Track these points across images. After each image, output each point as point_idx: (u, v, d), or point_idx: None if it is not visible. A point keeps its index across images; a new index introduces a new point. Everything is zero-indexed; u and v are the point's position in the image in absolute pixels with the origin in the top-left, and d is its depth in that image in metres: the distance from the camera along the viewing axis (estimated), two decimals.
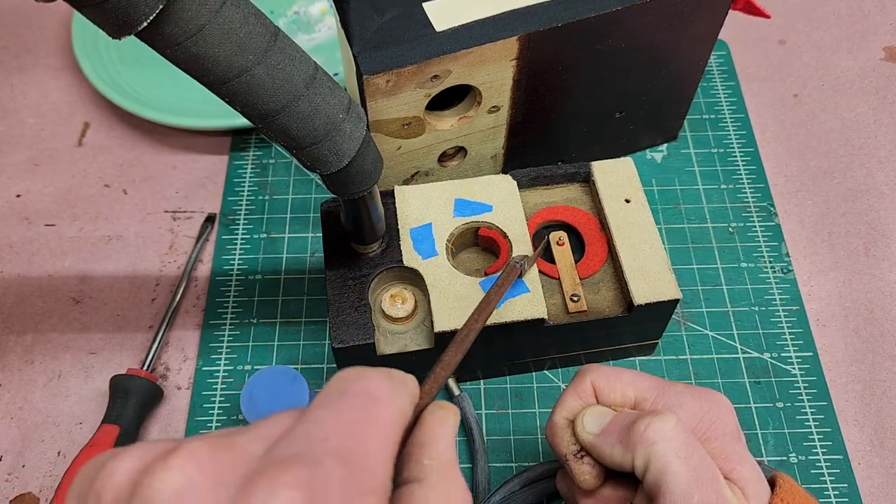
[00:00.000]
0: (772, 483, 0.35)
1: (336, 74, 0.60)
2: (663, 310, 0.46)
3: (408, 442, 0.25)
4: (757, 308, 0.53)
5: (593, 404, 0.37)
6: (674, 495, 0.31)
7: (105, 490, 0.21)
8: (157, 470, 0.20)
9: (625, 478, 0.36)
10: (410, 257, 0.45)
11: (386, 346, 0.45)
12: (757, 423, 0.49)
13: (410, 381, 0.26)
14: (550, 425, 0.37)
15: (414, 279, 0.46)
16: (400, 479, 0.24)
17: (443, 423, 0.26)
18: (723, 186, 0.59)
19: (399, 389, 0.24)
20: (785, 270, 0.55)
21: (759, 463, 0.36)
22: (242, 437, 0.22)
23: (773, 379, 0.51)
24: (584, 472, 0.35)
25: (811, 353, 0.52)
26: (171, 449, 0.21)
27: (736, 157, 0.61)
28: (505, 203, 0.48)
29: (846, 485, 0.47)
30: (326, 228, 0.47)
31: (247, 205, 0.59)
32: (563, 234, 0.48)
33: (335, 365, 0.50)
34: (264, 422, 0.23)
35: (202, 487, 0.20)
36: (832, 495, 0.46)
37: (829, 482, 0.47)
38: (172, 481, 0.20)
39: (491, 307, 0.36)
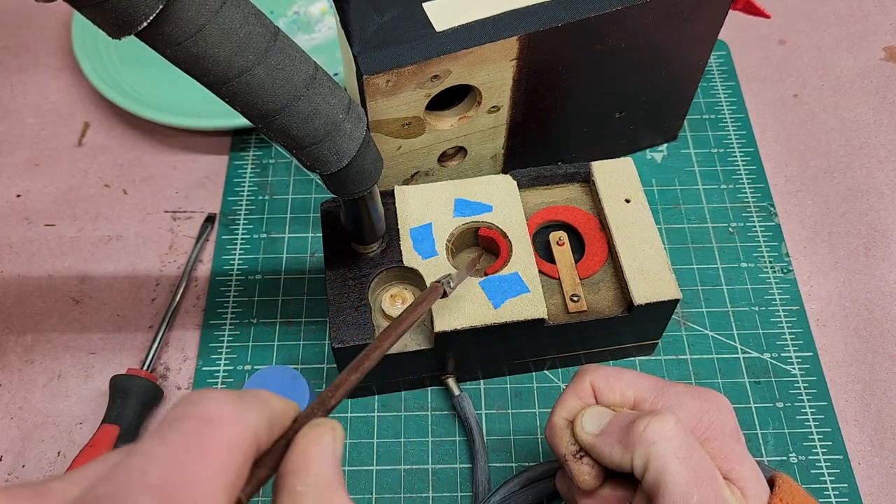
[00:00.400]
0: (771, 483, 0.35)
1: (336, 74, 0.60)
2: (663, 310, 0.46)
3: (279, 471, 0.23)
4: (757, 308, 0.53)
5: (592, 405, 0.37)
6: (673, 495, 0.31)
7: None
8: None
9: (624, 478, 0.36)
10: (410, 257, 0.45)
11: None
12: (757, 423, 0.49)
13: (273, 399, 0.24)
14: (550, 426, 0.37)
15: (414, 279, 0.46)
16: None
17: (317, 442, 0.24)
18: (723, 186, 0.59)
19: (245, 408, 0.22)
20: (785, 270, 0.55)
21: (759, 463, 0.36)
22: (59, 482, 0.21)
23: (773, 379, 0.51)
24: (584, 472, 0.35)
25: (811, 353, 0.52)
26: None
27: (736, 157, 0.61)
28: (505, 203, 0.48)
29: (846, 485, 0.47)
30: (326, 228, 0.47)
31: (247, 205, 0.59)
32: (563, 234, 0.48)
33: (335, 365, 0.50)
34: (92, 464, 0.22)
35: None
36: (832, 495, 0.46)
37: (829, 482, 0.47)
38: None
39: (401, 329, 0.34)
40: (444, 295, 0.40)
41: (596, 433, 0.35)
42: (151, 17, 0.29)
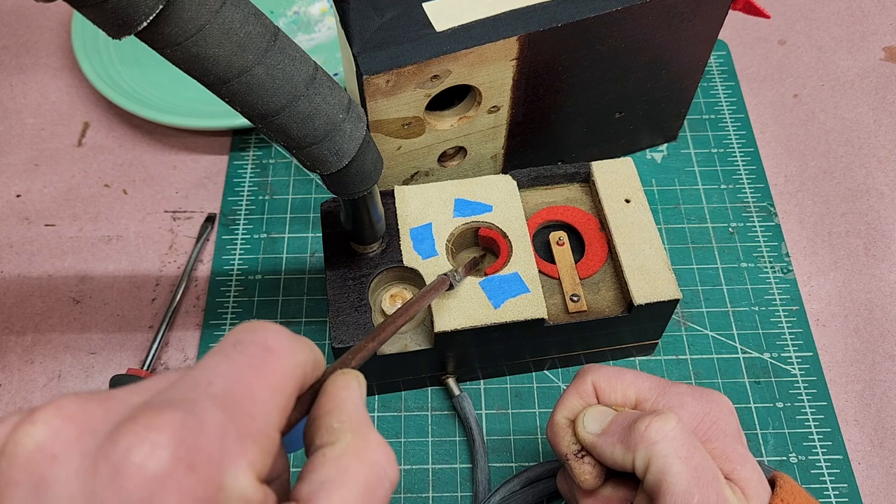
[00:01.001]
0: (772, 483, 0.35)
1: (336, 74, 0.60)
2: (663, 310, 0.46)
3: (312, 415, 0.24)
4: (757, 308, 0.53)
5: (594, 404, 0.37)
6: (674, 495, 0.31)
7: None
8: (21, 426, 0.19)
9: (625, 478, 0.36)
10: (410, 257, 0.45)
11: (386, 346, 0.45)
12: (757, 423, 0.49)
13: (314, 346, 0.26)
14: (551, 425, 0.37)
15: (414, 279, 0.46)
16: (312, 447, 0.24)
17: (346, 387, 0.25)
18: (723, 186, 0.59)
19: (298, 346, 0.24)
20: (785, 270, 0.55)
21: (760, 463, 0.36)
22: (124, 390, 0.21)
23: (773, 379, 0.51)
24: (585, 471, 0.35)
25: (811, 353, 0.52)
26: (40, 406, 0.20)
27: (736, 157, 0.61)
28: (505, 203, 0.48)
29: (846, 485, 0.47)
30: (326, 228, 0.47)
31: (247, 205, 0.59)
32: (563, 234, 0.48)
33: None
34: (152, 379, 0.22)
35: (67, 437, 0.19)
36: (832, 495, 0.46)
37: (829, 482, 0.47)
38: (36, 434, 0.19)
39: (411, 312, 0.35)
40: (451, 287, 0.41)
41: (597, 432, 0.35)
42: (151, 18, 0.29)
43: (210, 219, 0.58)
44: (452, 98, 0.49)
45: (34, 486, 0.19)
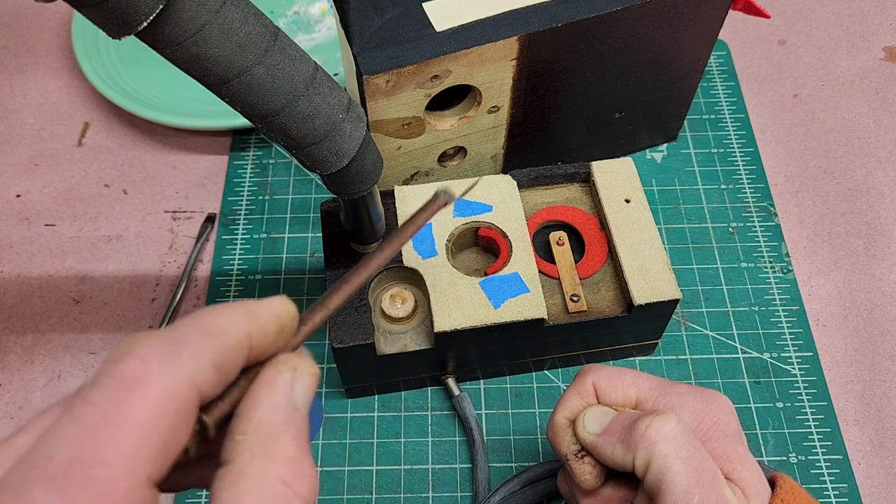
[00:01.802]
0: (772, 483, 0.35)
1: (336, 74, 0.60)
2: (663, 310, 0.46)
3: (236, 411, 0.21)
4: (757, 308, 0.53)
5: (594, 404, 0.37)
6: (674, 495, 0.31)
7: None
8: None
9: (626, 478, 0.36)
10: (410, 257, 0.45)
11: (386, 346, 0.45)
12: (757, 423, 0.49)
13: (228, 323, 0.21)
14: (551, 425, 0.37)
15: (414, 279, 0.46)
16: (217, 461, 0.21)
17: (266, 384, 0.21)
18: (723, 186, 0.59)
19: (179, 358, 0.20)
20: (785, 270, 0.55)
21: (760, 463, 0.36)
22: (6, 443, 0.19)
23: (773, 379, 0.51)
24: (585, 471, 0.35)
25: (811, 353, 0.52)
26: None
27: (736, 157, 0.61)
28: (505, 203, 0.48)
29: (846, 485, 0.47)
30: (326, 228, 0.47)
31: (247, 205, 0.59)
32: (563, 234, 0.48)
33: (335, 365, 0.50)
34: (28, 426, 0.20)
35: None
36: (832, 495, 0.46)
37: (829, 482, 0.47)
38: None
39: (401, 239, 0.30)
40: (445, 204, 0.35)
41: (598, 432, 0.35)
42: (151, 18, 0.29)
43: (210, 219, 0.58)
44: (452, 98, 0.49)
45: None
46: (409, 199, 0.47)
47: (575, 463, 0.36)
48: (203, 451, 0.22)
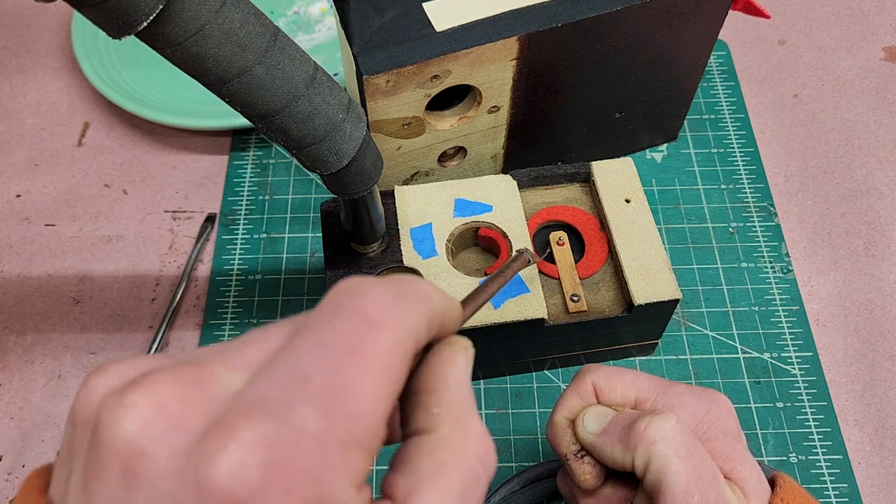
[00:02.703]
0: (772, 483, 0.35)
1: (336, 74, 0.60)
2: (663, 310, 0.46)
3: (411, 388, 0.22)
4: (757, 308, 0.53)
5: (594, 404, 0.37)
6: (674, 494, 0.31)
7: (79, 408, 0.19)
8: (115, 405, 0.18)
9: (625, 477, 0.36)
10: (410, 257, 0.45)
11: None
12: (757, 423, 0.49)
13: (434, 295, 0.22)
14: (551, 425, 0.37)
15: None
16: (408, 428, 0.22)
17: (451, 362, 0.22)
18: (723, 186, 0.59)
19: (408, 308, 0.20)
20: (785, 270, 0.55)
21: (760, 463, 0.36)
22: (221, 365, 0.19)
23: (773, 379, 0.51)
24: (585, 471, 0.35)
25: (811, 353, 0.52)
26: (136, 379, 0.19)
27: (736, 157, 0.61)
28: (505, 203, 0.48)
29: (846, 485, 0.47)
30: (326, 228, 0.47)
31: (247, 205, 0.59)
32: (563, 234, 0.48)
33: None
34: (251, 341, 0.20)
35: (157, 432, 0.18)
36: (832, 495, 0.46)
37: (829, 482, 0.47)
38: (127, 424, 0.18)
39: (491, 290, 0.32)
40: (528, 263, 0.39)
41: (597, 432, 0.35)
42: (151, 18, 0.29)
43: (210, 219, 0.58)
44: (452, 98, 0.49)
45: (123, 478, 0.18)
46: (409, 199, 0.47)
47: (575, 463, 0.36)
48: None
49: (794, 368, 0.51)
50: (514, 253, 0.40)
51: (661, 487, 0.32)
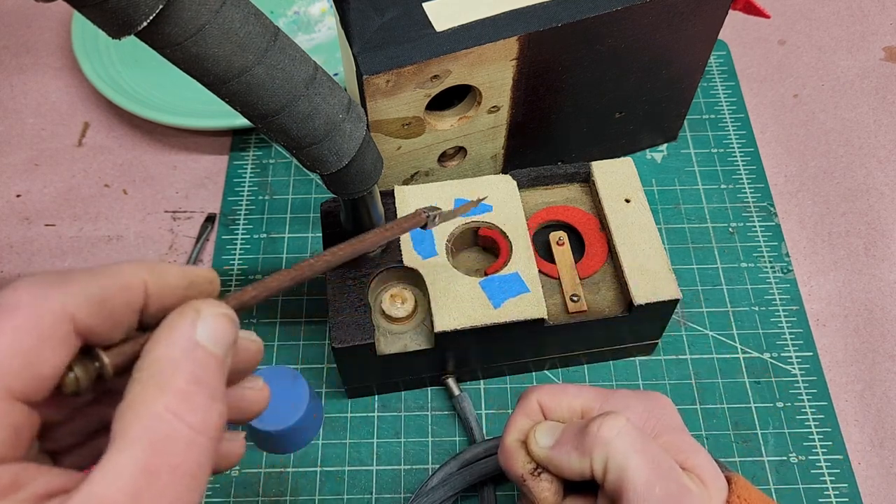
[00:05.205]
0: (727, 482, 0.35)
1: (336, 74, 0.60)
2: (663, 310, 0.46)
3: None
4: (757, 308, 0.53)
5: (543, 421, 0.36)
6: (636, 488, 0.31)
7: None
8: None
9: (584, 489, 0.35)
10: (410, 257, 0.45)
11: (386, 346, 0.45)
12: (757, 423, 0.49)
13: (119, 269, 0.23)
14: (503, 449, 0.37)
15: (414, 279, 0.46)
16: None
17: (168, 325, 0.22)
18: (723, 186, 0.59)
19: (54, 290, 0.21)
20: (785, 270, 0.55)
21: (717, 462, 0.36)
22: None
23: (773, 379, 0.51)
24: (543, 489, 0.35)
25: (811, 353, 0.52)
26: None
27: (736, 157, 0.61)
28: (505, 203, 0.48)
29: (846, 485, 0.47)
30: (326, 228, 0.47)
31: (247, 205, 0.59)
32: (563, 234, 0.48)
33: (335, 365, 0.50)
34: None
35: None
36: (832, 495, 0.46)
37: (829, 482, 0.47)
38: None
39: (361, 245, 0.32)
40: (425, 226, 0.37)
41: (551, 445, 0.35)
42: (151, 18, 0.29)
43: (210, 219, 0.58)
44: (452, 98, 0.49)
45: None
46: (409, 199, 0.47)
47: (532, 482, 0.35)
48: (106, 389, 0.24)
49: (794, 368, 0.51)
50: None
51: (622, 484, 0.31)
